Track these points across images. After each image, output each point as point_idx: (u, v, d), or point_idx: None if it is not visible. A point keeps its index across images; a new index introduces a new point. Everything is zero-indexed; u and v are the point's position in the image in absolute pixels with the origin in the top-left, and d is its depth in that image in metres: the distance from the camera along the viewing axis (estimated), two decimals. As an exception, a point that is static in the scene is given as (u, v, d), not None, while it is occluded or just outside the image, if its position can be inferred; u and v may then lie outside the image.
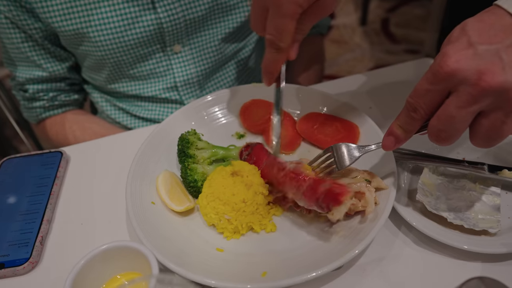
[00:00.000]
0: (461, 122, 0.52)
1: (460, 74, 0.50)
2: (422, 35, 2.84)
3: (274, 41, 0.69)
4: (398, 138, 0.60)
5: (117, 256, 0.62)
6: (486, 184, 0.71)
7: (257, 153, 0.77)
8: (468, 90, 0.50)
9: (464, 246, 0.62)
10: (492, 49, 0.49)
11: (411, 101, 0.56)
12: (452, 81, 0.50)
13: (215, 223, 0.71)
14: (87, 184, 0.84)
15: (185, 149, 0.78)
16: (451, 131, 0.53)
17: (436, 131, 0.55)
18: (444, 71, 0.50)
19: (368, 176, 0.69)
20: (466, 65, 0.49)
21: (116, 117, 1.18)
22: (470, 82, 0.49)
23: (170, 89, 1.12)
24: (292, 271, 0.61)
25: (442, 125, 0.53)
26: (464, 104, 0.50)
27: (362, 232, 0.63)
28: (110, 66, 1.06)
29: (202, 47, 1.09)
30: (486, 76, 0.48)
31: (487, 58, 0.49)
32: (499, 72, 0.48)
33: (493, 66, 0.49)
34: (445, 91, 0.52)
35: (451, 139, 0.55)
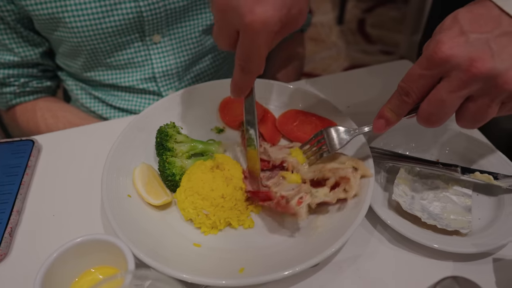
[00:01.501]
0: (451, 106, 0.55)
1: (453, 60, 0.52)
2: (396, 36, 2.90)
3: (245, 66, 0.64)
4: (388, 120, 0.63)
5: (91, 250, 0.61)
6: (459, 185, 0.74)
7: None
8: (459, 75, 0.52)
9: (436, 245, 0.64)
10: (482, 37, 0.52)
11: (403, 85, 0.59)
12: (445, 67, 0.53)
13: (192, 218, 0.70)
14: (60, 174, 0.81)
15: (163, 142, 0.76)
16: (441, 114, 0.56)
17: (427, 114, 0.57)
18: (439, 57, 0.53)
19: (355, 163, 0.70)
20: (458, 51, 0.52)
21: (91, 106, 1.15)
22: (462, 68, 0.52)
23: (148, 80, 1.10)
24: (270, 268, 0.61)
25: (433, 109, 0.56)
26: (455, 89, 0.53)
27: (340, 230, 0.64)
28: (86, 53, 1.03)
29: (182, 38, 1.08)
30: (477, 63, 0.51)
31: (478, 46, 0.52)
32: (488, 59, 0.51)
33: (483, 54, 0.51)
34: (437, 76, 0.55)
35: (440, 121, 0.58)
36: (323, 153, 0.72)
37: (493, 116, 0.56)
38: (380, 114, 0.63)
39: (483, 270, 0.64)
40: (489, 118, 0.57)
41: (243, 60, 0.63)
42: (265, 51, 0.61)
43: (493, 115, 0.56)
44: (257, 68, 0.64)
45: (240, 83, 0.68)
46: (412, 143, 0.80)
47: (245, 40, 0.60)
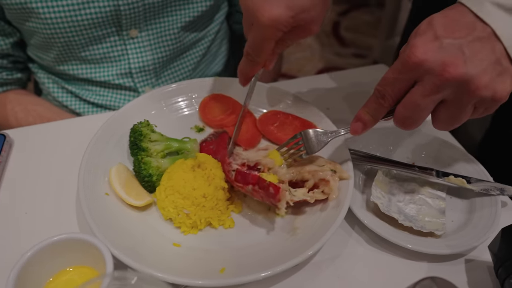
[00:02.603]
0: (425, 109, 0.57)
1: (426, 65, 0.53)
2: (369, 40, 2.95)
3: (251, 55, 0.71)
4: (365, 123, 0.64)
5: (67, 249, 0.59)
6: (433, 188, 0.76)
7: (217, 143, 0.77)
8: (432, 80, 0.54)
9: (412, 246, 0.66)
10: (456, 43, 0.53)
11: (380, 88, 0.60)
12: (418, 71, 0.54)
13: (172, 217, 0.69)
14: (32, 170, 0.78)
15: (137, 142, 0.74)
16: (415, 117, 0.58)
17: (402, 117, 0.59)
18: (412, 61, 0.54)
19: (333, 166, 0.72)
20: (432, 56, 0.53)
21: (64, 100, 1.11)
22: (435, 73, 0.53)
23: (124, 75, 1.08)
24: (250, 268, 0.61)
25: (408, 112, 0.58)
26: (428, 93, 0.55)
27: (320, 231, 0.64)
28: (60, 46, 1.00)
29: (160, 34, 1.06)
30: (449, 68, 0.52)
31: (451, 51, 0.53)
32: (461, 64, 0.52)
33: (456, 59, 0.52)
34: (411, 80, 0.56)
35: (415, 124, 0.59)
36: (302, 155, 0.72)
37: (467, 118, 0.58)
38: (357, 117, 0.64)
39: (456, 270, 0.67)
40: (463, 121, 0.58)
41: (249, 47, 0.71)
42: (269, 45, 0.68)
43: (466, 117, 0.58)
44: (259, 58, 0.71)
45: (243, 69, 0.76)
46: (390, 146, 0.82)
47: (253, 31, 0.68)
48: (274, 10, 0.64)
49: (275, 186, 0.64)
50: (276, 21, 0.64)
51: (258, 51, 0.70)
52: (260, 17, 0.64)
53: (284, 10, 0.64)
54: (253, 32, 0.68)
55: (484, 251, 0.66)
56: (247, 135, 0.83)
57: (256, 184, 0.66)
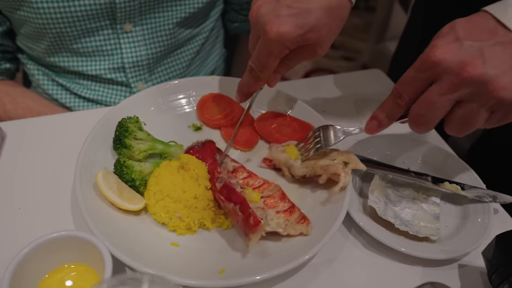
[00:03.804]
0: (440, 109, 0.57)
1: (445, 64, 0.54)
2: (357, 43, 2.98)
3: (255, 70, 0.71)
4: (381, 122, 0.64)
5: (64, 246, 0.58)
6: (428, 194, 0.77)
7: (204, 151, 0.76)
8: (450, 78, 0.54)
9: (408, 251, 0.67)
10: (476, 45, 0.54)
11: (397, 87, 0.60)
12: (437, 70, 0.55)
13: (165, 221, 0.68)
14: (26, 165, 0.77)
15: (121, 137, 0.72)
16: (430, 116, 0.58)
17: (416, 115, 0.59)
18: (432, 60, 0.55)
19: (347, 158, 0.72)
20: (451, 56, 0.54)
21: (54, 93, 1.08)
22: (453, 72, 0.53)
23: (116, 70, 1.06)
24: (248, 270, 0.61)
25: (423, 110, 0.58)
26: (445, 92, 0.55)
27: (318, 234, 0.65)
28: (51, 36, 0.97)
29: (154, 29, 1.05)
30: (468, 67, 0.53)
31: (471, 52, 0.53)
32: (480, 65, 0.53)
33: (475, 60, 0.53)
34: (429, 79, 0.56)
35: (428, 124, 0.59)
36: (317, 149, 0.72)
37: (481, 124, 0.57)
38: (373, 115, 0.65)
39: (450, 275, 0.68)
40: (477, 125, 0.58)
41: (253, 62, 0.70)
42: (274, 61, 0.68)
43: (481, 122, 0.57)
44: (263, 74, 0.71)
45: (245, 85, 0.75)
46: (387, 151, 0.83)
47: (260, 46, 0.67)
48: (283, 26, 0.63)
49: (256, 218, 0.61)
50: (284, 37, 0.64)
51: (262, 66, 0.69)
52: (269, 31, 0.64)
53: (293, 28, 0.64)
54: (259, 47, 0.67)
55: (477, 257, 0.67)
56: (245, 136, 0.83)
57: (238, 205, 0.64)
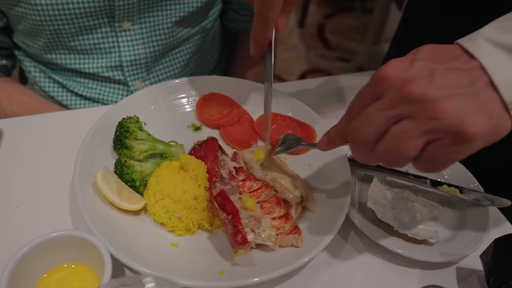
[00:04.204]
0: (375, 124, 0.51)
1: (390, 80, 0.50)
2: (353, 45, 2.99)
3: (263, 11, 0.68)
4: (331, 139, 0.61)
5: (64, 246, 0.58)
6: (426, 197, 0.77)
7: (206, 149, 0.76)
8: (390, 94, 0.50)
9: (407, 253, 0.67)
10: (428, 66, 0.50)
11: (350, 103, 0.57)
12: (382, 86, 0.51)
13: (164, 221, 0.68)
14: (23, 163, 0.76)
15: (122, 138, 0.72)
16: (364, 131, 0.52)
17: (351, 130, 0.54)
18: (378, 76, 0.51)
19: (306, 194, 0.72)
20: (397, 73, 0.50)
21: (51, 90, 1.07)
22: (394, 88, 0.50)
23: (114, 68, 1.05)
24: (248, 272, 0.61)
25: (358, 124, 0.53)
26: (383, 107, 0.51)
27: (318, 236, 0.65)
28: (49, 33, 0.96)
29: (153, 28, 1.04)
30: (410, 84, 0.48)
31: (420, 71, 0.49)
32: (424, 84, 0.48)
33: (420, 79, 0.49)
34: (375, 95, 0.52)
35: (362, 140, 0.53)
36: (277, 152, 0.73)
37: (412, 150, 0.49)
38: (327, 131, 0.62)
39: (448, 278, 0.68)
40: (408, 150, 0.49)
41: (259, 3, 0.68)
42: None
43: (412, 148, 0.49)
44: (272, 13, 0.68)
45: (257, 31, 0.72)
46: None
47: None
48: None
49: (244, 238, 0.61)
50: None
51: (269, 4, 0.67)
52: None
53: None
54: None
55: (475, 260, 0.67)
56: (244, 137, 0.82)
57: (230, 215, 0.63)
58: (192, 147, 0.78)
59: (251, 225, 0.66)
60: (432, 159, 0.50)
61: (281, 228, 0.66)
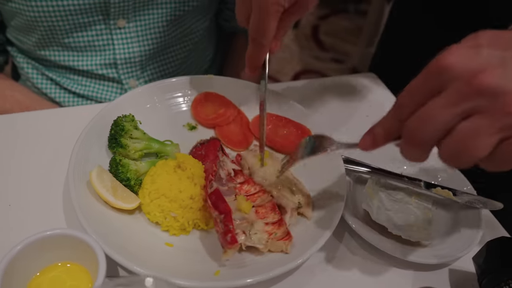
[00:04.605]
0: (440, 124, 0.45)
1: (455, 70, 0.44)
2: (347, 47, 3.00)
3: (256, 38, 0.70)
4: (376, 138, 0.53)
5: (57, 245, 0.57)
6: (420, 199, 0.78)
7: (207, 148, 0.76)
8: (458, 87, 0.44)
9: (401, 255, 0.67)
10: (497, 54, 0.44)
11: (399, 98, 0.50)
12: (445, 77, 0.45)
13: (159, 221, 0.67)
14: (15, 161, 0.75)
15: (117, 136, 0.72)
16: (427, 133, 0.46)
17: (410, 130, 0.47)
18: (439, 65, 0.45)
19: (305, 200, 0.71)
20: (463, 61, 0.44)
21: (44, 87, 1.06)
22: (463, 79, 0.44)
23: (108, 66, 1.04)
24: (243, 273, 0.61)
25: (419, 124, 0.47)
26: (450, 103, 0.44)
27: (313, 237, 0.65)
28: (43, 29, 0.95)
29: (148, 26, 1.04)
30: (482, 75, 0.43)
31: (489, 60, 0.44)
32: (497, 74, 0.43)
33: (492, 68, 0.43)
34: (435, 88, 0.46)
35: (424, 145, 0.47)
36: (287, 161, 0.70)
37: (485, 150, 0.44)
38: (370, 129, 0.54)
39: (441, 280, 0.68)
40: (480, 150, 0.44)
41: (253, 32, 0.70)
42: (273, 23, 0.68)
43: (485, 147, 0.44)
44: (266, 40, 0.70)
45: (252, 55, 0.74)
46: (382, 155, 0.83)
47: (255, 13, 0.67)
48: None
49: (233, 237, 0.60)
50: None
51: (263, 31, 0.68)
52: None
53: None
54: (254, 15, 0.67)
55: (468, 262, 0.68)
56: (240, 137, 0.82)
57: (222, 215, 0.63)
58: (194, 145, 0.78)
59: (243, 227, 0.65)
60: (505, 157, 0.45)
61: (273, 234, 0.66)
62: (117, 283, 0.50)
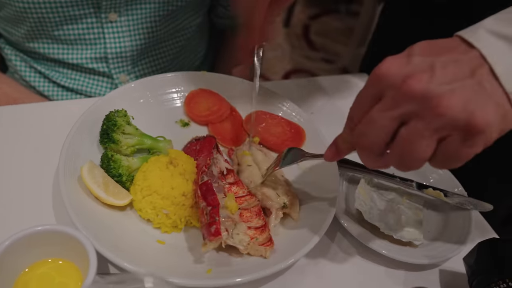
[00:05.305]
0: (381, 128, 0.49)
1: (388, 79, 0.48)
2: (337, 47, 3.02)
3: (245, 20, 0.71)
4: (339, 149, 0.58)
5: (46, 241, 0.55)
6: (411, 199, 0.78)
7: (203, 144, 0.75)
8: (391, 93, 0.48)
9: (393, 255, 0.68)
10: (427, 60, 0.47)
11: (350, 109, 0.54)
12: (381, 85, 0.49)
13: (151, 218, 0.66)
14: (4, 154, 0.73)
15: (109, 131, 0.71)
16: (372, 137, 0.50)
17: (358, 135, 0.51)
18: (375, 75, 0.49)
19: (290, 201, 0.71)
20: (395, 70, 0.48)
21: (32, 80, 1.04)
22: (395, 86, 0.47)
23: (99, 60, 1.03)
24: (234, 271, 0.60)
25: (364, 129, 0.50)
26: (386, 108, 0.48)
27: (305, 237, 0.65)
28: (32, 21, 0.93)
29: (140, 21, 1.02)
30: (410, 80, 0.46)
31: (419, 66, 0.47)
32: (425, 79, 0.46)
33: (420, 74, 0.46)
34: (376, 96, 0.50)
35: (371, 147, 0.50)
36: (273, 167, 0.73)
37: (426, 152, 0.47)
38: (333, 141, 0.59)
39: (432, 280, 0.69)
40: (421, 153, 0.47)
41: (242, 15, 0.71)
42: (261, 8, 0.69)
43: (425, 150, 0.47)
44: (254, 21, 0.71)
45: (242, 40, 0.75)
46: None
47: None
48: None
49: (217, 230, 0.60)
50: None
51: (251, 13, 0.69)
52: None
53: None
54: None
55: (458, 262, 0.68)
56: (233, 134, 0.82)
57: (209, 207, 0.62)
58: (190, 140, 0.78)
59: (227, 224, 0.65)
60: (447, 157, 0.47)
61: (254, 239, 0.65)
62: (107, 281, 0.50)
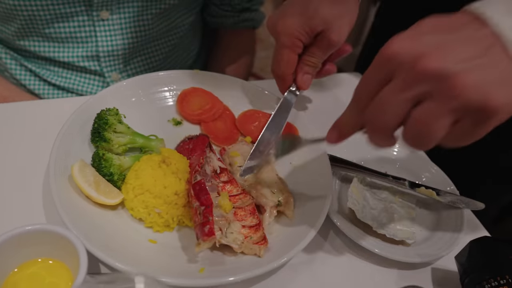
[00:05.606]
0: (395, 110, 0.47)
1: (398, 58, 0.46)
2: (330, 46, 3.01)
3: (273, 69, 0.77)
4: (341, 131, 0.55)
5: (37, 240, 0.55)
6: (404, 198, 0.78)
7: (196, 143, 0.74)
8: (403, 74, 0.46)
9: (384, 253, 0.68)
10: (439, 38, 0.45)
11: (356, 90, 0.52)
12: (391, 65, 0.47)
13: (143, 217, 0.66)
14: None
15: (101, 130, 0.70)
16: (385, 119, 0.48)
17: (370, 118, 0.50)
18: (384, 54, 0.47)
19: (285, 199, 0.71)
20: (405, 49, 0.45)
21: (22, 79, 1.03)
22: (407, 66, 0.45)
23: (90, 58, 1.02)
24: (227, 271, 0.60)
25: (376, 111, 0.48)
26: (398, 89, 0.46)
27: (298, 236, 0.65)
28: (22, 19, 0.92)
29: (132, 19, 1.01)
30: (422, 60, 0.44)
31: (430, 44, 0.45)
32: (439, 58, 0.43)
33: (433, 52, 0.44)
34: (385, 78, 0.48)
35: (386, 130, 0.49)
36: None
37: (441, 131, 0.45)
38: (334, 123, 0.56)
39: (424, 278, 0.69)
40: (436, 132, 0.45)
41: (272, 64, 0.78)
42: (287, 56, 0.75)
43: (441, 129, 0.45)
44: (281, 71, 0.78)
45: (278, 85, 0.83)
46: (368, 154, 0.84)
47: (275, 43, 0.76)
48: (288, 19, 0.73)
49: (211, 230, 0.59)
50: (290, 27, 0.70)
51: (277, 63, 0.75)
52: (277, 27, 0.73)
53: (297, 18, 0.71)
54: (275, 45, 0.73)
55: (450, 261, 0.68)
56: (226, 133, 0.81)
57: (203, 207, 0.62)
58: (182, 139, 0.77)
59: (220, 224, 0.64)
60: (460, 137, 0.47)
61: (249, 237, 0.65)
62: (98, 281, 0.49)
